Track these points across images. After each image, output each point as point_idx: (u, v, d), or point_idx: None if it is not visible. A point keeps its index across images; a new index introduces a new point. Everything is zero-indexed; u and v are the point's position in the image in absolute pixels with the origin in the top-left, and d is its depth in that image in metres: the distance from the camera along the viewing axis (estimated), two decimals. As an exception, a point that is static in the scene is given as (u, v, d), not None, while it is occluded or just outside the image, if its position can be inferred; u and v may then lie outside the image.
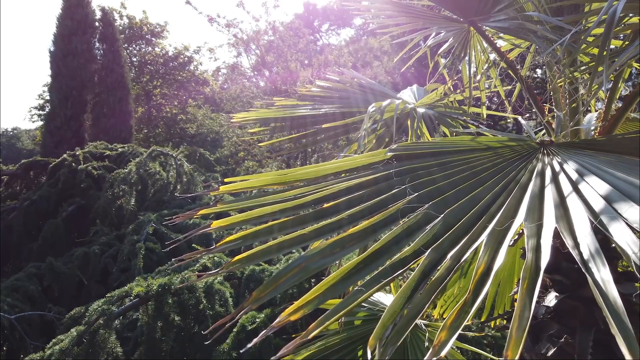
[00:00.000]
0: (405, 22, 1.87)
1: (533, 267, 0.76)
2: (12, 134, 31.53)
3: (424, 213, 0.91)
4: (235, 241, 0.91)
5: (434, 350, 0.67)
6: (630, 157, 1.02)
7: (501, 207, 0.94)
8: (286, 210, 0.97)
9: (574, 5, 1.47)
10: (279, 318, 0.77)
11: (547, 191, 0.97)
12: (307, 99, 2.24)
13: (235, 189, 1.07)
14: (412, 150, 1.21)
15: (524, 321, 0.66)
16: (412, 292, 0.77)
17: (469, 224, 0.90)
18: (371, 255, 0.85)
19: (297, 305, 0.78)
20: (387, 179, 1.06)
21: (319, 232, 0.91)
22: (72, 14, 13.36)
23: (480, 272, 0.78)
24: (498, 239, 0.84)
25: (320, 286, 0.80)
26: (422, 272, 0.80)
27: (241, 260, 0.88)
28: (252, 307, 0.81)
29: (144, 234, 5.61)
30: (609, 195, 0.86)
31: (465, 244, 0.84)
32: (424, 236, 0.87)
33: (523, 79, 1.59)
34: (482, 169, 1.10)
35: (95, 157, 7.72)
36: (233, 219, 0.97)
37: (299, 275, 0.84)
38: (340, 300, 0.77)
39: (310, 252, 0.86)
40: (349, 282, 0.82)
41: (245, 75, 15.41)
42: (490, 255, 0.81)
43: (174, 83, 20.13)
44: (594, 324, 1.17)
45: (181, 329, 3.39)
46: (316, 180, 1.10)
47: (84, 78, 13.28)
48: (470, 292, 0.74)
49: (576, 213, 0.85)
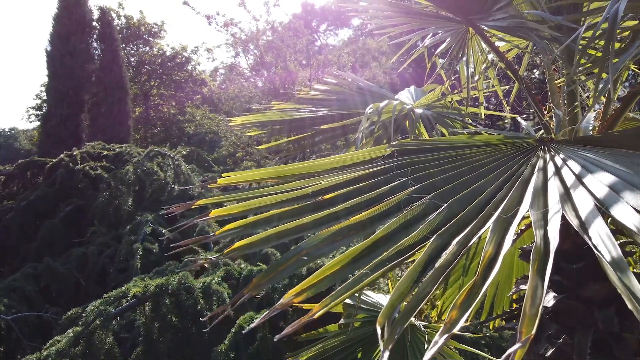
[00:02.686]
0: (402, 22, 1.87)
1: (542, 249, 0.77)
2: (9, 134, 31.45)
3: (429, 202, 0.92)
4: (235, 229, 0.92)
5: (446, 328, 0.67)
6: (629, 151, 1.03)
7: (505, 196, 0.94)
8: (285, 202, 0.97)
9: (573, 5, 1.47)
10: (282, 299, 0.76)
11: (550, 182, 0.98)
12: (306, 102, 2.24)
13: (233, 182, 1.07)
14: (412, 146, 1.21)
15: (537, 300, 0.67)
16: (419, 275, 0.78)
17: (474, 212, 0.91)
18: (377, 242, 0.85)
19: (301, 288, 0.78)
20: (387, 172, 1.06)
21: (318, 222, 0.91)
22: (70, 14, 13.32)
23: (488, 256, 0.78)
24: (504, 226, 0.85)
25: (325, 269, 0.80)
26: (428, 255, 0.80)
27: (240, 247, 0.88)
28: (252, 293, 0.81)
29: (142, 234, 5.59)
30: (613, 184, 0.87)
31: (471, 230, 0.85)
32: (430, 223, 0.87)
33: (521, 79, 1.59)
34: (483, 163, 1.10)
35: (92, 157, 7.69)
36: (232, 208, 0.96)
37: (299, 262, 0.84)
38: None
39: (310, 240, 0.86)
40: (354, 267, 0.81)
41: (243, 76, 15.39)
42: (497, 241, 0.81)
43: (172, 83, 20.11)
44: (592, 324, 1.17)
45: (179, 329, 3.38)
46: (315, 174, 1.10)
47: (81, 78, 13.24)
48: (479, 274, 0.75)
49: (581, 199, 0.86)
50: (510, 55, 2.06)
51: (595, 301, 1.19)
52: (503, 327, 2.47)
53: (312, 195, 0.98)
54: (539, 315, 0.65)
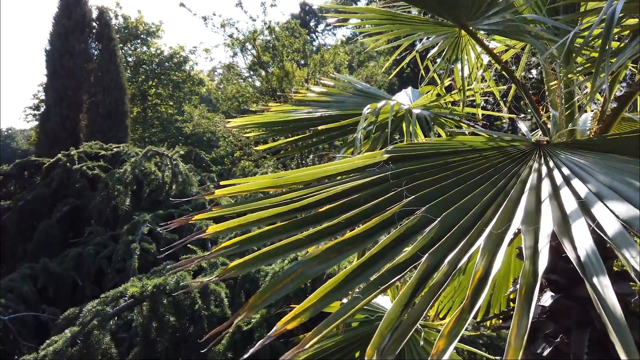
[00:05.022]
0: (391, 29, 1.88)
1: (531, 272, 0.76)
2: (7, 134, 31.35)
3: (421, 216, 0.91)
4: (231, 247, 0.92)
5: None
6: (626, 157, 1.02)
7: (498, 209, 0.94)
8: (282, 215, 0.98)
9: (570, 5, 1.48)
10: (276, 327, 0.77)
11: (543, 193, 0.97)
12: (303, 103, 2.25)
13: (231, 193, 1.07)
14: (407, 152, 1.21)
15: (522, 329, 0.66)
16: (410, 298, 0.77)
17: (466, 227, 0.90)
18: (368, 261, 0.85)
19: (294, 313, 0.78)
20: (383, 182, 1.06)
21: (314, 237, 0.91)
22: (70, 13, 13.28)
23: (477, 277, 0.77)
24: (495, 243, 0.84)
25: (318, 293, 0.80)
26: (419, 278, 0.79)
27: (236, 266, 0.88)
28: (248, 314, 0.81)
29: (139, 234, 5.58)
30: (606, 196, 0.86)
31: (462, 248, 0.84)
32: (421, 240, 0.86)
33: (518, 80, 1.60)
34: (478, 170, 1.10)
35: (90, 157, 7.67)
36: (228, 224, 0.97)
37: (296, 281, 0.84)
38: (339, 304, 0.77)
39: (307, 258, 0.86)
40: (347, 289, 0.82)
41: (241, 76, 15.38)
42: (487, 260, 0.80)
43: (170, 83, 20.08)
44: (589, 324, 1.17)
45: (176, 329, 3.38)
46: (312, 183, 1.10)
47: (80, 78, 13.21)
48: (468, 298, 0.73)
49: (574, 216, 0.86)
50: (507, 55, 2.07)
51: (591, 301, 1.19)
52: (500, 327, 2.48)
53: (308, 208, 0.98)
54: (523, 347, 0.64)
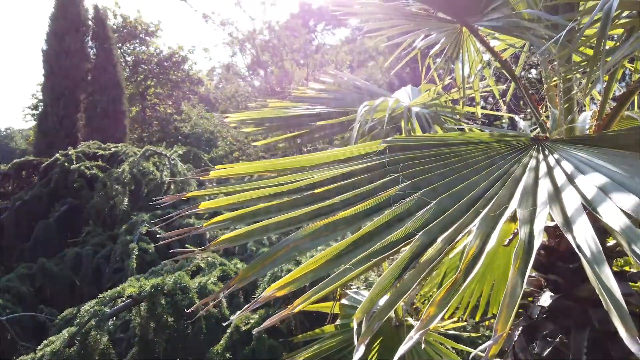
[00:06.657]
0: (395, 24, 1.87)
1: (525, 247, 0.76)
2: (5, 133, 31.28)
3: (417, 199, 0.91)
4: (224, 222, 0.92)
5: (422, 324, 0.67)
6: (624, 151, 1.02)
7: (495, 195, 0.94)
8: (277, 195, 0.97)
9: (569, 4, 1.47)
10: (265, 292, 0.76)
11: (540, 181, 0.97)
12: (302, 100, 2.24)
13: (226, 175, 1.06)
14: (406, 142, 1.21)
15: (514, 298, 0.67)
16: (402, 270, 0.77)
17: (462, 210, 0.90)
18: (363, 237, 0.85)
19: (285, 281, 0.78)
20: (380, 167, 1.05)
21: (307, 216, 0.91)
22: (66, 12, 13.22)
23: (471, 253, 0.78)
24: (490, 224, 0.84)
25: (309, 264, 0.80)
26: (412, 252, 0.80)
27: (227, 239, 0.88)
28: (238, 285, 0.81)
29: (137, 234, 5.57)
30: (604, 185, 0.86)
31: (457, 228, 0.84)
32: (416, 220, 0.86)
33: (517, 78, 1.59)
34: (475, 160, 1.10)
35: (88, 157, 7.64)
36: (222, 201, 0.96)
37: (287, 255, 0.84)
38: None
39: (300, 233, 0.85)
40: (339, 262, 0.81)
41: (240, 75, 15.36)
42: (482, 239, 0.81)
43: (169, 82, 20.04)
44: (588, 324, 1.17)
45: (174, 329, 3.37)
46: (308, 168, 1.09)
47: (77, 77, 13.16)
48: (461, 271, 0.74)
49: (570, 200, 0.85)
50: (507, 54, 2.06)
51: (591, 301, 1.19)
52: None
53: (303, 190, 0.98)
54: (513, 314, 0.64)
